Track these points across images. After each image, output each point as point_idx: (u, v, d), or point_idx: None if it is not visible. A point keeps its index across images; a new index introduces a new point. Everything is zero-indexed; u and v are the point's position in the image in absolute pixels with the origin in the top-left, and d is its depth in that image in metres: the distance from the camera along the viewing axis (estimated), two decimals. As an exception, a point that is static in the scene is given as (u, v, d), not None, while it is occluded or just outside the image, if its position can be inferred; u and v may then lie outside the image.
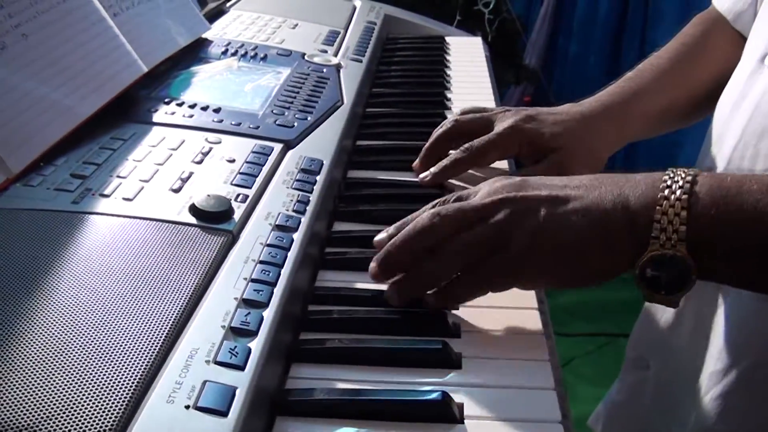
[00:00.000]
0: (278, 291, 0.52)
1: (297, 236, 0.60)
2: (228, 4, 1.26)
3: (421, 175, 0.78)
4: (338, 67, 1.01)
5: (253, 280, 0.53)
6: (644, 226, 0.52)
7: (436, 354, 0.52)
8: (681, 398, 0.80)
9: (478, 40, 1.35)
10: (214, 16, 1.16)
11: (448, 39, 1.32)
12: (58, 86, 0.67)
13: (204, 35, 1.03)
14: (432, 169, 0.78)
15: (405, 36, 1.33)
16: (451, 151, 0.79)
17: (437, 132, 0.81)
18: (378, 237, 0.61)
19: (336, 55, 1.07)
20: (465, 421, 0.47)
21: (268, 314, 0.50)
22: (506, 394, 0.50)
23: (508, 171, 0.83)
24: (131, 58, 0.78)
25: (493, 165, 0.81)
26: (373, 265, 0.58)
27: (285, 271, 0.55)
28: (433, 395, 0.47)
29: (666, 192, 0.53)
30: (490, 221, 0.55)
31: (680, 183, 0.53)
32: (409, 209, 0.61)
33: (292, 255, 0.57)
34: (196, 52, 0.98)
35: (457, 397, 0.48)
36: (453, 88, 1.09)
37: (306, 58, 1.02)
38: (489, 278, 0.56)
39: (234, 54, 0.99)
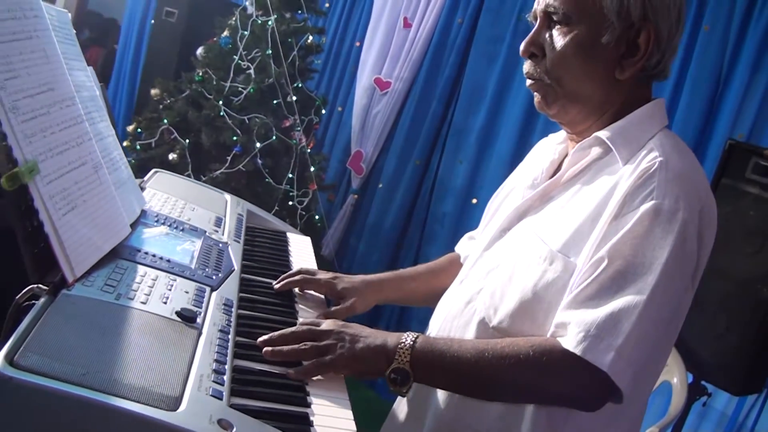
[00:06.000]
0: (228, 353, 1.08)
1: (231, 334, 1.16)
2: (143, 183, 1.80)
3: (274, 284, 1.49)
4: (227, 244, 1.59)
5: (217, 352, 1.08)
6: (393, 354, 1.18)
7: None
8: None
9: (307, 239, 1.99)
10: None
11: (288, 234, 1.94)
12: (95, 233, 1.19)
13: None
14: (282, 283, 1.49)
15: (261, 227, 1.93)
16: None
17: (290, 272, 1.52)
18: (261, 338, 1.21)
19: (224, 234, 1.65)
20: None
21: (227, 365, 1.05)
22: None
23: (322, 298, 1.52)
24: (124, 221, 1.32)
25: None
26: (267, 348, 1.18)
27: (229, 347, 1.10)
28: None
29: (403, 342, 1.19)
30: (325, 339, 1.19)
31: (410, 340, 1.19)
32: (271, 326, 1.19)
33: (230, 340, 1.13)
34: (139, 217, 1.52)
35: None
36: (293, 263, 1.70)
37: (207, 234, 1.58)
38: (326, 365, 1.17)
39: (163, 223, 1.54)
